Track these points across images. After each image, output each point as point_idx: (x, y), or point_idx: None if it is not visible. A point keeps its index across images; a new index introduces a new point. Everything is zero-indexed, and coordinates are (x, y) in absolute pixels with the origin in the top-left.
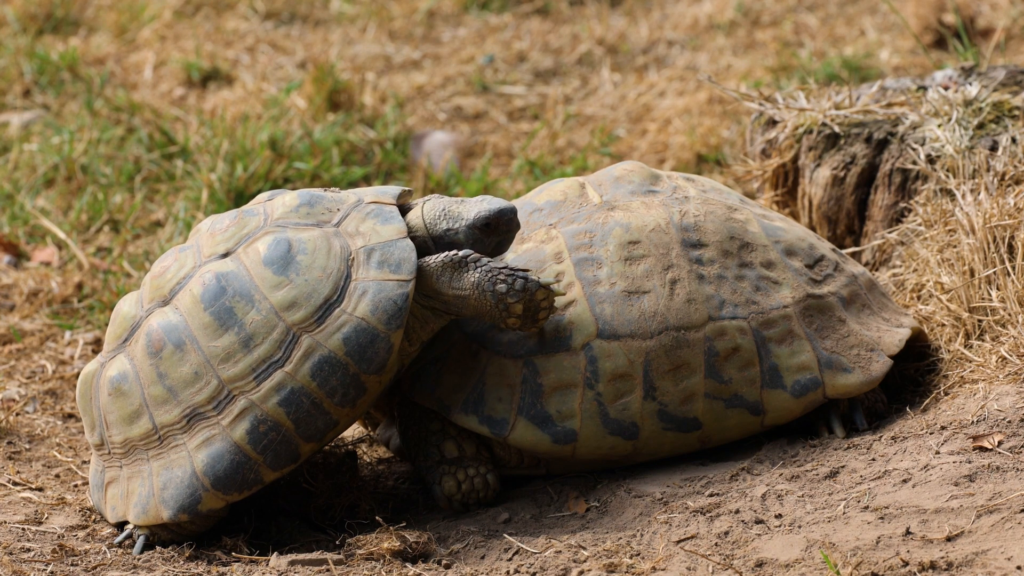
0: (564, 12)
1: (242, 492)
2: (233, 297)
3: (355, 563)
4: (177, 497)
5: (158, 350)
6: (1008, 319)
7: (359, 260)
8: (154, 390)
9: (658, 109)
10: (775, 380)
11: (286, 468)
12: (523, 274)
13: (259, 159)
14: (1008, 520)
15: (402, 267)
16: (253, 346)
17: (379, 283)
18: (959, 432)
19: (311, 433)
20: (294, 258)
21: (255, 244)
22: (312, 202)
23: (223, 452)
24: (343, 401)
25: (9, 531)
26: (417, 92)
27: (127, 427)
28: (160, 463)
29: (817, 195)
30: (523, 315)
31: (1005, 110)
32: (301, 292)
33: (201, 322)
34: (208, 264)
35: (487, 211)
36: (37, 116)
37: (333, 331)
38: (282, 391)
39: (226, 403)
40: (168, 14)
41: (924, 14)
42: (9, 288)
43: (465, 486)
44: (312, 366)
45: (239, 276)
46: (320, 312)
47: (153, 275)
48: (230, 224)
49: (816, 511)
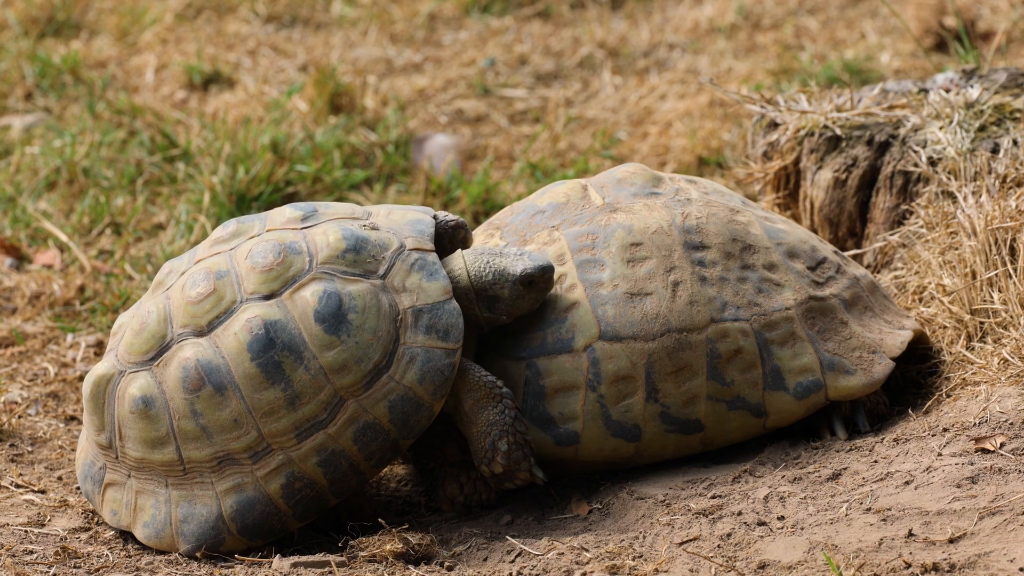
0: (565, 15)
1: (265, 539)
2: (282, 351)
3: (358, 565)
4: (199, 535)
5: (196, 388)
6: (1010, 321)
7: (407, 322)
8: (186, 425)
9: (659, 112)
10: (777, 382)
11: (310, 519)
12: (528, 451)
13: (261, 162)
14: (1010, 522)
15: (450, 335)
16: (299, 405)
17: (427, 351)
18: (961, 434)
19: (342, 491)
20: (345, 316)
21: (303, 292)
22: (358, 247)
23: (254, 501)
24: (378, 464)
25: (12, 533)
26: (418, 95)
27: (147, 450)
28: (180, 494)
29: (819, 197)
30: (498, 475)
31: (1006, 112)
32: (352, 356)
33: (246, 371)
34: (251, 304)
35: (533, 268)
36: (39, 119)
37: (380, 398)
38: (323, 453)
39: (263, 455)
40: (169, 17)
41: (925, 17)
42: (11, 291)
43: (467, 489)
44: (356, 431)
45: (288, 329)
46: (369, 377)
47: (188, 299)
48: (274, 263)
49: (818, 513)
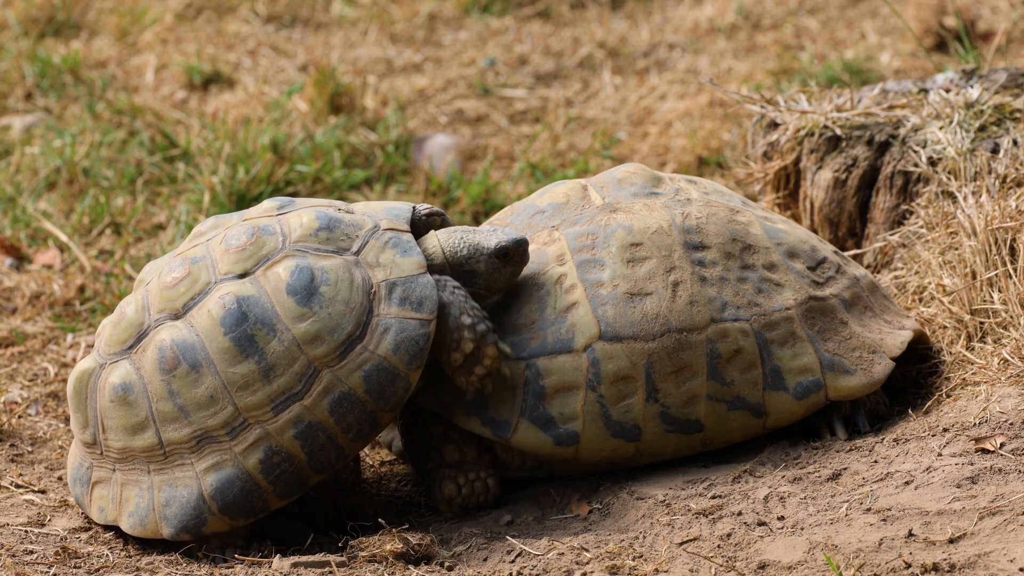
0: (565, 15)
1: (247, 518)
2: (255, 324)
3: (358, 565)
4: (181, 517)
5: (171, 368)
6: (1010, 321)
7: (380, 294)
8: (164, 407)
9: (659, 112)
10: (777, 382)
11: (292, 497)
12: (489, 324)
13: (261, 162)
14: (1010, 522)
15: (424, 306)
16: (273, 377)
17: (401, 321)
18: (961, 434)
19: (322, 466)
20: (317, 289)
21: (275, 268)
22: (331, 226)
23: (233, 478)
24: (356, 437)
25: (12, 533)
26: (418, 95)
27: (128, 437)
28: (163, 478)
29: (819, 197)
30: (467, 357)
31: (1006, 112)
32: (324, 326)
33: (220, 346)
34: (225, 283)
35: (507, 241)
36: (39, 119)
37: (354, 368)
38: (299, 424)
39: (240, 430)
40: (169, 17)
41: (925, 17)
42: (11, 291)
43: (465, 490)
44: (331, 402)
45: (260, 303)
46: (343, 348)
47: (163, 284)
48: (247, 243)
49: (818, 513)
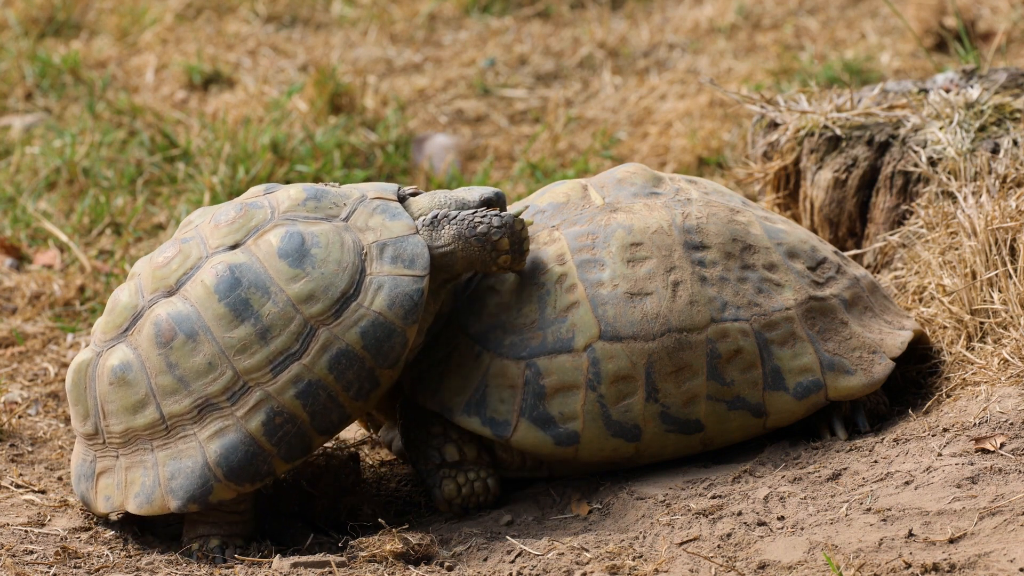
0: (565, 15)
1: (254, 483)
2: (248, 288)
3: (357, 565)
4: (187, 487)
5: (168, 340)
6: (1010, 321)
7: (372, 254)
8: (163, 380)
9: (659, 112)
10: (777, 382)
11: (298, 460)
12: (494, 212)
13: (261, 162)
14: (1010, 522)
15: (416, 262)
16: (270, 338)
17: (394, 278)
18: (961, 434)
19: (325, 426)
20: (308, 251)
21: (266, 236)
22: (318, 196)
23: (237, 443)
24: (358, 395)
25: (12, 533)
26: (418, 95)
27: (129, 417)
28: (166, 453)
29: (819, 197)
30: (511, 248)
31: (1006, 112)
32: (318, 285)
33: (215, 313)
34: (217, 255)
35: (488, 192)
36: (39, 119)
37: (351, 325)
38: (299, 384)
39: (241, 394)
40: (169, 17)
41: (925, 17)
42: (11, 291)
43: (465, 490)
44: (330, 359)
45: (253, 268)
46: (337, 305)
47: (155, 265)
48: (236, 216)
49: (818, 513)
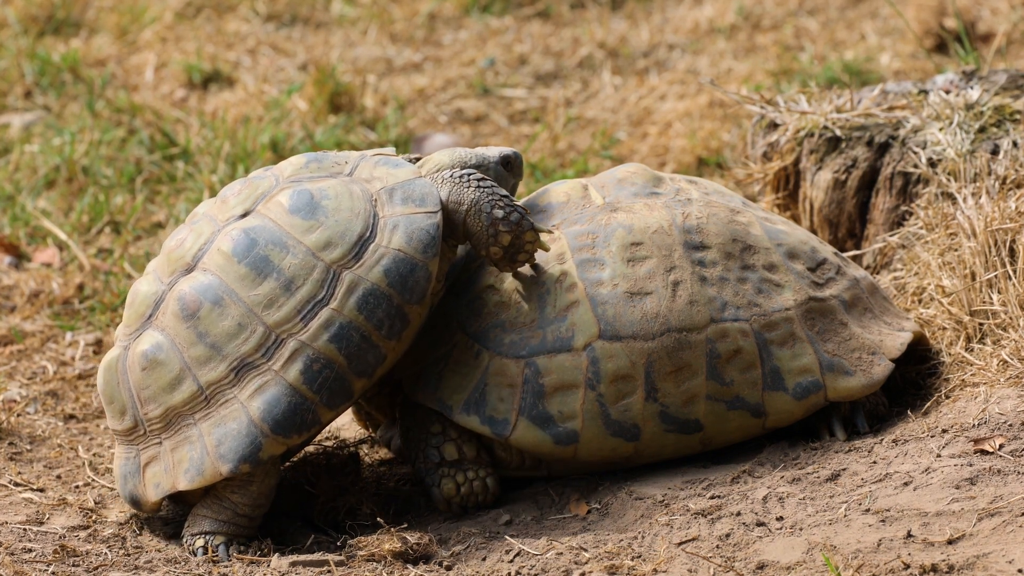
0: (565, 15)
1: (301, 434)
2: (266, 246)
3: (356, 564)
4: (236, 449)
5: (194, 311)
6: (1009, 322)
7: (382, 200)
8: (195, 351)
9: (659, 112)
10: (777, 382)
11: (342, 407)
12: (521, 209)
13: (260, 161)
14: (1009, 523)
15: (427, 200)
16: (295, 288)
17: (408, 216)
18: (960, 435)
19: (363, 368)
20: (319, 204)
21: (275, 199)
22: (319, 159)
23: (279, 396)
24: (390, 333)
25: (10, 531)
26: (418, 94)
27: (167, 396)
28: (210, 422)
29: (818, 198)
30: (507, 248)
31: (1006, 114)
32: (334, 232)
33: (237, 274)
34: (228, 225)
35: (508, 151)
36: (38, 117)
37: (373, 264)
38: (331, 328)
39: (275, 348)
40: (169, 16)
41: (925, 18)
42: (10, 289)
43: (464, 489)
44: (357, 300)
45: (267, 228)
46: (356, 248)
47: (169, 250)
48: (242, 188)
49: (817, 513)
